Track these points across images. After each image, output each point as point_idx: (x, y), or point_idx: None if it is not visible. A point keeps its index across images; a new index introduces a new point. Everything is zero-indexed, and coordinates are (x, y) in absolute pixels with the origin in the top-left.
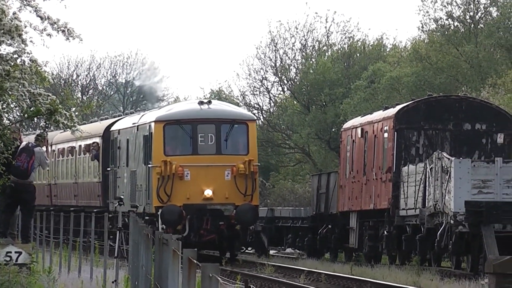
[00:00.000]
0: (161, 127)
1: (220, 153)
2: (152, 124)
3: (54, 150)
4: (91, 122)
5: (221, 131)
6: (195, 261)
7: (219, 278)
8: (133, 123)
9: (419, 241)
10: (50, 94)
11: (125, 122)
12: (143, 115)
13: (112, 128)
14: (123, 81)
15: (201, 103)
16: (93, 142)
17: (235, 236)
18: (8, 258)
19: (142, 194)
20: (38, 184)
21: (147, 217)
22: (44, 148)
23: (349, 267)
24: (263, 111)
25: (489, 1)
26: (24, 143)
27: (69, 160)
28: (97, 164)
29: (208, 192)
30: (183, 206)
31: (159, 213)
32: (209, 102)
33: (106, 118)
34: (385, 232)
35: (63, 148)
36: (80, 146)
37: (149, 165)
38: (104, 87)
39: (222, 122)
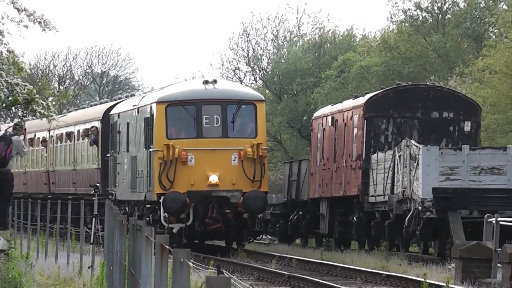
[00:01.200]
0: (163, 109)
1: (226, 136)
2: (154, 106)
3: (52, 136)
4: (87, 106)
5: (227, 113)
6: (167, 247)
7: (190, 263)
8: (134, 105)
9: (387, 227)
10: (27, 84)
11: (126, 105)
12: (144, 97)
13: (112, 112)
14: (99, 71)
15: (206, 82)
16: (92, 127)
17: (243, 225)
18: None
19: (143, 181)
20: (35, 171)
21: (148, 205)
22: (22, 137)
23: (319, 252)
24: None
25: None
26: (1, 132)
27: (67, 146)
28: (96, 149)
29: (213, 178)
30: (187, 193)
31: (161, 200)
32: (215, 81)
33: (106, 101)
34: (355, 218)
35: (61, 134)
36: (78, 131)
37: (151, 150)
38: (81, 77)
39: (229, 102)
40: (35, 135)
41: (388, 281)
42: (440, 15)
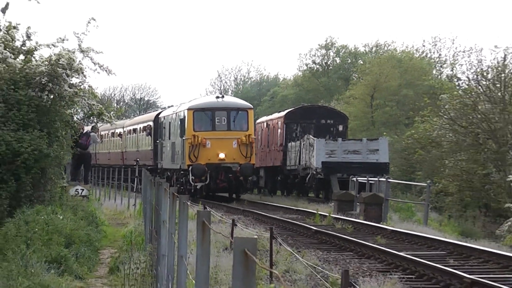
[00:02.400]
0: (191, 113)
1: (230, 130)
2: (186, 111)
3: (125, 131)
4: (148, 112)
5: (230, 115)
6: (176, 194)
7: (188, 203)
8: (173, 111)
9: (297, 183)
10: (99, 104)
11: (168, 111)
12: (179, 106)
13: (160, 116)
14: (139, 97)
15: (217, 97)
16: (148, 125)
17: (240, 184)
18: (76, 192)
19: (179, 157)
20: (115, 151)
21: (182, 172)
22: (96, 134)
23: (259, 197)
24: None
25: (335, 54)
26: (85, 131)
27: (133, 137)
28: (150, 138)
29: (222, 155)
30: (206, 164)
31: (190, 169)
32: (223, 97)
33: (156, 110)
34: (279, 178)
35: (130, 129)
36: (140, 127)
37: (183, 138)
38: (129, 100)
39: (231, 109)
40: (115, 131)
41: (297, 212)
42: (326, 67)
